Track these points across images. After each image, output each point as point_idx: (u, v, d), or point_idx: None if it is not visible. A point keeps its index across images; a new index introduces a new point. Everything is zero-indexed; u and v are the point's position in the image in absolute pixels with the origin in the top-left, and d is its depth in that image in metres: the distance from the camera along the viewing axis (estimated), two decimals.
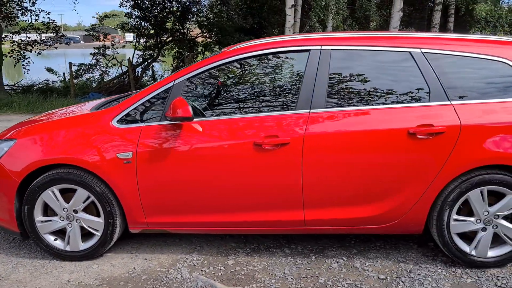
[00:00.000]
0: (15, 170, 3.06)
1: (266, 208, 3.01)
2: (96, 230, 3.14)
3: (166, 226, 3.13)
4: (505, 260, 2.97)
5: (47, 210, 3.19)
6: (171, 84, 3.05)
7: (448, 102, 2.88)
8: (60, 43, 15.68)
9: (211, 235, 3.53)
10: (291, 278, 2.93)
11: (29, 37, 14.54)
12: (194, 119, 2.97)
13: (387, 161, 2.88)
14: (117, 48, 15.62)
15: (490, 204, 2.92)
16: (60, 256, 3.20)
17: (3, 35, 14.50)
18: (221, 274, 3.00)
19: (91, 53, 15.60)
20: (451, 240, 2.97)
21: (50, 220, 3.16)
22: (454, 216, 2.94)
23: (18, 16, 14.49)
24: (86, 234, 3.20)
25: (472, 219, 2.95)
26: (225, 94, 3.16)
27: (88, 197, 3.07)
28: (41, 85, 14.92)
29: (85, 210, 3.13)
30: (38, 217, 3.15)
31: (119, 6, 14.82)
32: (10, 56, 14.56)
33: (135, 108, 3.06)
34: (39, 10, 14.06)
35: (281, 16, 13.20)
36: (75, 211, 3.11)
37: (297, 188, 2.94)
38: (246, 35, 15.11)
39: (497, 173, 2.85)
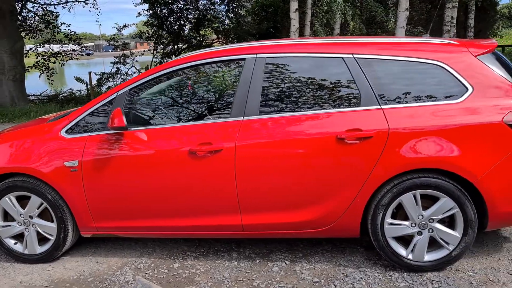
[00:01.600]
0: None
1: (205, 213, 3.11)
2: (51, 235, 3.33)
3: (114, 231, 3.28)
4: (442, 264, 2.95)
5: (7, 216, 3.41)
6: (115, 95, 3.20)
7: (378, 107, 2.89)
8: (89, 54, 16.32)
9: (166, 239, 3.66)
10: (228, 281, 3.01)
11: (52, 49, 15.24)
12: (137, 128, 3.11)
13: (318, 167, 2.91)
14: (136, 56, 16.09)
15: (426, 208, 2.91)
16: (20, 259, 3.41)
17: (27, 47, 15.27)
18: (163, 277, 3.12)
19: (111, 62, 16.14)
20: (386, 244, 2.97)
21: (9, 225, 3.37)
22: (388, 220, 2.94)
23: (42, 30, 15.21)
24: (43, 239, 3.39)
25: (406, 223, 2.94)
26: (165, 103, 3.29)
27: (42, 204, 3.26)
28: (65, 95, 15.56)
29: (40, 215, 3.32)
30: None
31: (137, 16, 15.28)
32: (35, 68, 15.29)
33: (82, 119, 3.23)
34: (60, 23, 14.71)
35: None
36: (31, 217, 3.31)
37: (233, 194, 3.02)
38: (261, 39, 15.27)
39: (428, 177, 2.84)
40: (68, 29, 15.13)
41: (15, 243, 3.42)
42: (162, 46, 16.09)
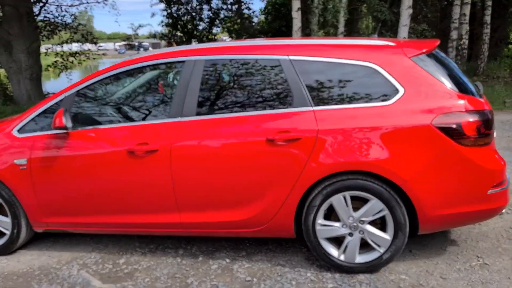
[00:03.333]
0: None
1: (147, 211, 3.19)
2: (7, 230, 3.49)
3: (63, 226, 3.41)
4: (373, 266, 2.94)
5: None
6: (63, 96, 3.32)
7: (310, 108, 2.91)
8: (121, 52, 16.75)
9: (121, 235, 3.76)
10: (164, 278, 3.09)
11: (70, 49, 15.71)
12: (82, 128, 3.22)
13: (250, 167, 2.95)
14: None
15: (358, 210, 2.90)
16: None
17: (47, 47, 15.79)
18: (106, 272, 3.23)
19: None
20: (318, 244, 2.98)
21: None
22: (320, 221, 2.95)
23: (60, 30, 15.68)
24: (2, 233, 3.55)
25: (337, 224, 2.95)
26: (111, 104, 3.39)
27: None
28: None
29: None
30: None
31: (151, 17, 15.56)
32: (55, 67, 15.79)
33: (32, 119, 3.37)
34: (77, 24, 15.14)
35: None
36: None
37: (170, 193, 3.10)
38: (274, 37, 15.31)
39: (357, 179, 2.83)
40: (84, 29, 15.55)
41: None
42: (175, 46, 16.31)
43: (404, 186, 2.76)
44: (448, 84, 2.83)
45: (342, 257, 2.98)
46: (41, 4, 14.50)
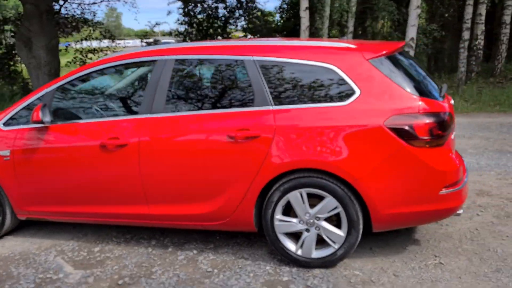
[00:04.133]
0: None
1: (118, 202, 3.36)
2: None
3: (44, 215, 3.61)
4: (328, 261, 3.03)
5: None
6: (44, 92, 3.52)
7: (270, 108, 3.01)
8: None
9: (101, 225, 3.95)
10: (131, 266, 3.25)
11: (90, 45, 16.19)
12: (60, 123, 3.41)
13: (212, 163, 3.08)
14: None
15: (314, 206, 3.00)
16: None
17: (67, 43, 16.29)
18: (80, 259, 3.41)
19: None
20: (276, 239, 3.09)
21: None
22: (278, 216, 3.06)
23: (82, 27, 16.16)
24: None
25: (295, 220, 3.05)
26: (88, 100, 3.57)
27: None
28: None
29: None
30: None
31: (167, 14, 15.80)
32: (74, 63, 16.27)
33: (16, 113, 3.58)
34: (94, 22, 15.59)
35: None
36: None
37: (138, 185, 3.26)
38: (288, 36, 15.35)
39: (312, 176, 2.93)
40: (103, 27, 15.98)
41: None
42: None
43: (355, 184, 2.84)
44: (405, 86, 2.88)
45: (299, 252, 3.07)
46: (62, 1, 14.98)
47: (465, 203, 3.68)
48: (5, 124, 3.59)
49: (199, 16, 16.06)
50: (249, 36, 15.99)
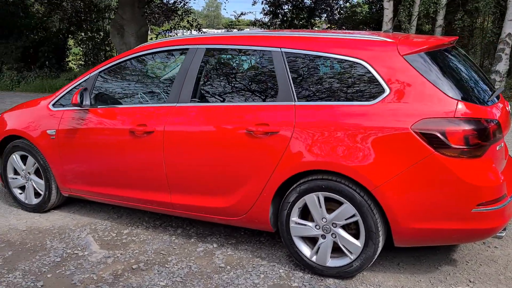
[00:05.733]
0: None
1: (144, 188, 3.42)
2: (41, 191, 4.00)
3: (82, 194, 3.79)
4: (343, 272, 2.81)
5: (16, 171, 4.17)
6: (88, 76, 3.68)
7: (292, 103, 2.85)
8: None
9: (136, 209, 4.06)
10: (150, 252, 3.30)
11: (176, 34, 16.91)
12: (100, 107, 3.54)
13: (230, 156, 3.00)
14: None
15: (332, 211, 2.80)
16: (23, 207, 4.15)
17: (157, 33, 17.15)
18: (108, 239, 3.54)
19: None
20: (291, 241, 2.94)
21: (16, 178, 4.13)
22: (294, 218, 2.90)
23: (174, 17, 16.90)
24: (38, 193, 4.07)
25: (311, 224, 2.87)
26: (122, 86, 3.65)
27: (35, 163, 3.94)
28: None
29: (36, 173, 4.01)
30: (10, 174, 4.15)
31: (252, 5, 15.93)
32: None
33: (63, 95, 3.79)
34: (183, 12, 16.20)
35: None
36: (29, 173, 4.02)
37: (162, 173, 3.28)
38: (376, 27, 14.72)
39: (330, 180, 2.72)
40: (193, 17, 16.58)
41: (20, 193, 4.17)
42: None
43: (375, 192, 2.58)
44: (443, 86, 2.56)
45: (314, 258, 2.89)
46: None
47: None
48: (54, 105, 3.81)
49: (285, 7, 15.97)
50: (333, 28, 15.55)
